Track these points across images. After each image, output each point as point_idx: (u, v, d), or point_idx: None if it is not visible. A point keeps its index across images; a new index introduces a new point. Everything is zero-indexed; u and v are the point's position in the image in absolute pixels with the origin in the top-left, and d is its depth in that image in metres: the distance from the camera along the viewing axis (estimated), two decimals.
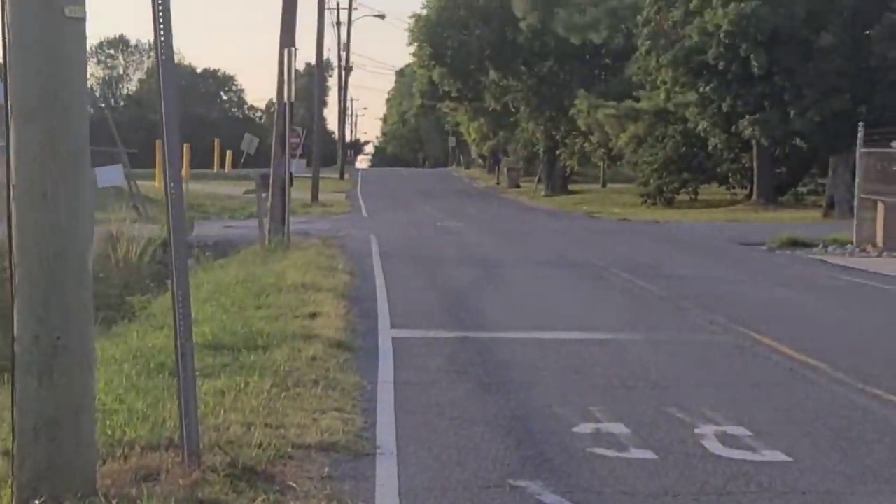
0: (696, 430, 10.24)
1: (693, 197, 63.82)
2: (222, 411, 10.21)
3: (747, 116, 48.05)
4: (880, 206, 32.71)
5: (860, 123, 34.24)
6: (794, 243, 34.36)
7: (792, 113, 47.13)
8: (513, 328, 16.31)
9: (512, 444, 9.69)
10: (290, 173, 30.59)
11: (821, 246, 33.78)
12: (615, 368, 13.27)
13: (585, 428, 10.28)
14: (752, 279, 24.42)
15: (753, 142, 54.84)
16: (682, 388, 12.19)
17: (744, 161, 61.34)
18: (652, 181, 63.10)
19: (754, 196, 58.55)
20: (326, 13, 61.88)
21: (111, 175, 44.42)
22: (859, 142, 34.13)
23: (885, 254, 31.46)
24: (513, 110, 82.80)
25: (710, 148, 56.32)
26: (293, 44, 29.54)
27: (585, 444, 9.75)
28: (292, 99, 28.94)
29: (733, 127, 49.80)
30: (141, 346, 13.63)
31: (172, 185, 8.43)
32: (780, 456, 9.47)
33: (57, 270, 7.53)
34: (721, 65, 47.92)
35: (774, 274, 25.96)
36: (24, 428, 7.58)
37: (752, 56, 46.07)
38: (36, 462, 7.59)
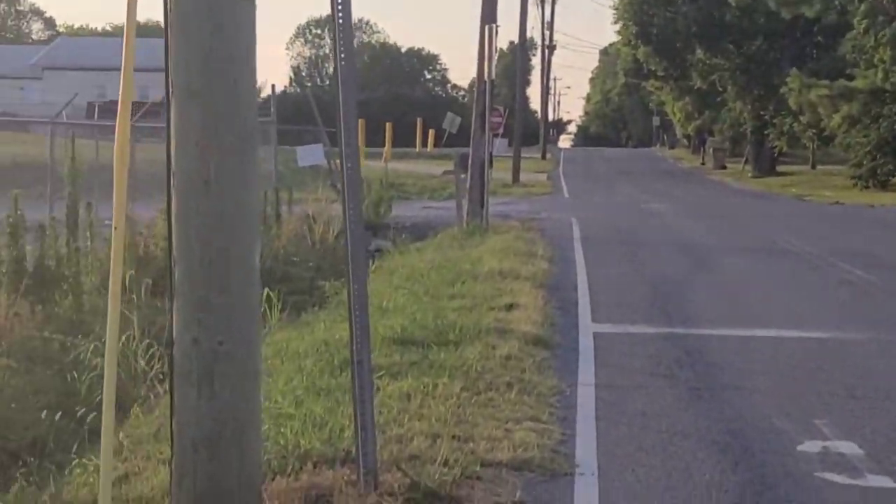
0: None
1: None
2: (406, 418, 9.35)
3: None
4: None
5: None
6: None
7: None
8: (722, 323, 15.14)
9: (728, 466, 8.61)
10: (491, 153, 29.71)
11: None
12: (839, 373, 12.04)
13: (812, 446, 9.15)
14: None
15: None
16: None
17: None
18: (865, 163, 60.53)
19: None
20: None
21: (312, 154, 44.17)
22: None
23: None
24: (719, 89, 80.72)
25: None
26: (494, 20, 28.63)
27: (813, 466, 8.62)
28: (493, 77, 28.04)
29: None
30: (327, 339, 12.88)
31: (349, 165, 7.54)
32: None
33: (220, 267, 6.68)
34: None
35: None
36: (183, 442, 6.79)
37: None
38: (195, 480, 6.78)
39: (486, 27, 27.90)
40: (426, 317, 14.12)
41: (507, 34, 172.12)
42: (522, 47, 63.13)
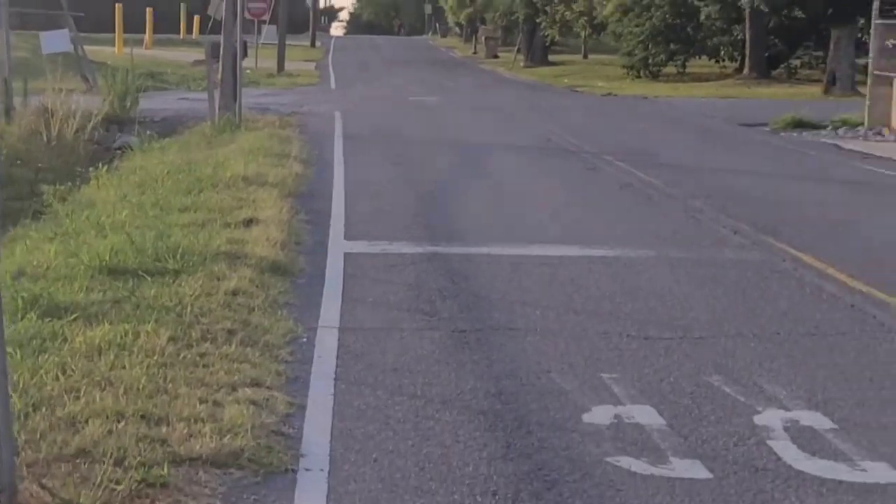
0: (757, 420, 7.28)
1: (681, 70, 60.38)
2: (88, 387, 7.18)
3: None
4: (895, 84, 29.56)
5: None
6: (800, 124, 31.25)
7: None
8: (495, 240, 13.25)
9: (498, 451, 6.68)
10: (245, 42, 27.24)
11: (830, 128, 30.69)
12: (628, 305, 10.26)
13: (601, 415, 7.29)
14: (766, 170, 21.33)
15: (746, 12, 51.46)
16: (720, 339, 9.18)
17: (735, 33, 57.94)
18: (637, 53, 59.68)
19: (746, 70, 55.23)
20: None
21: (56, 41, 40.94)
22: (874, 11, 30.83)
23: None
24: None
25: (702, 18, 52.75)
26: None
27: (604, 448, 6.75)
28: None
29: None
30: (24, 266, 10.58)
31: None
32: (887, 471, 6.52)
33: None
34: None
35: (788, 163, 22.92)
36: None
37: None
38: None
39: None
40: (146, 237, 11.85)
41: None
42: None
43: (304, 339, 8.80)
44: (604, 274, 11.51)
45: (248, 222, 13.18)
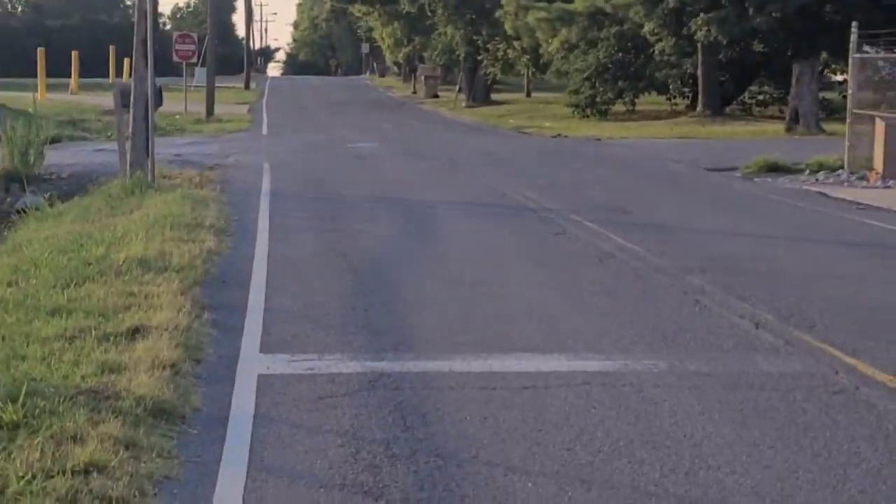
0: None
1: (630, 108, 57.76)
2: None
3: (701, 15, 41.70)
4: (879, 123, 26.76)
5: (854, 22, 28.15)
6: (773, 168, 28.54)
7: (751, 10, 40.81)
8: (456, 348, 10.20)
9: None
10: (159, 88, 24.11)
11: (807, 172, 27.97)
12: (654, 466, 7.24)
13: None
14: (757, 229, 18.45)
15: (699, 45, 48.86)
16: None
17: (685, 67, 55.39)
18: (584, 90, 56.99)
19: (699, 107, 52.64)
20: None
21: None
22: (852, 45, 28.12)
23: (890, 182, 25.59)
24: (430, 14, 76.17)
25: (656, 53, 50.04)
26: None
27: None
28: None
29: (684, 28, 43.49)
30: None
31: None
32: None
33: None
34: None
35: (779, 219, 20.07)
36: None
37: None
38: None
39: None
40: None
41: None
42: None
43: None
44: (608, 405, 8.49)
45: (134, 333, 10.05)
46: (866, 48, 31.24)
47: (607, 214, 19.36)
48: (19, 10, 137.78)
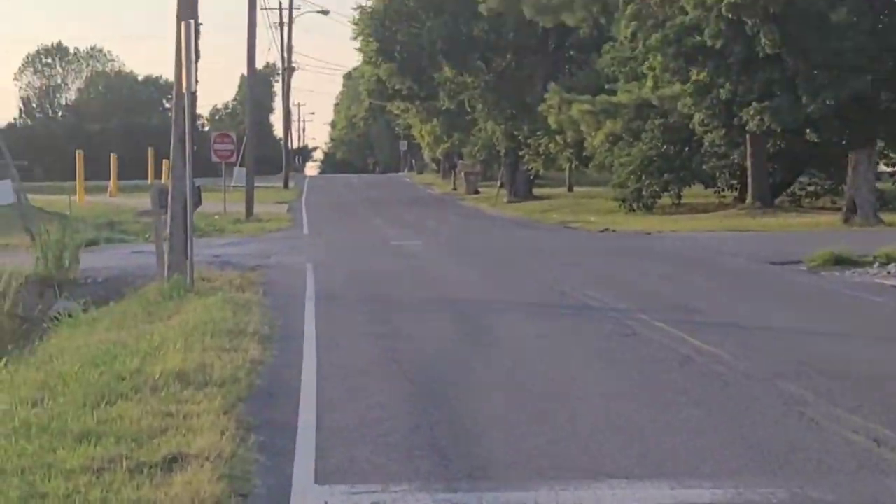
0: None
1: (676, 201, 56.49)
2: None
3: (754, 104, 40.58)
4: None
5: None
6: (839, 261, 27.17)
7: (804, 98, 39.67)
8: (537, 473, 8.92)
9: None
10: (198, 188, 23.05)
11: (876, 264, 26.61)
12: None
13: None
14: (842, 328, 17.10)
15: (747, 136, 47.75)
16: None
17: (733, 158, 54.21)
18: (630, 184, 55.81)
19: (748, 199, 51.34)
20: (266, 13, 54.37)
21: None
22: None
23: None
24: (469, 109, 75.51)
25: (706, 144, 48.90)
26: (194, 16, 22.05)
27: None
28: (192, 88, 21.41)
29: (735, 119, 42.36)
30: None
31: None
32: None
33: None
34: (720, 45, 40.38)
35: (863, 317, 18.74)
36: None
37: (760, 32, 38.56)
38: None
39: (184, 23, 21.29)
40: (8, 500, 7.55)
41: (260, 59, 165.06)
42: (251, 65, 56.36)
43: None
44: None
45: (171, 462, 8.82)
46: None
47: (676, 313, 18.07)
48: (59, 114, 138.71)
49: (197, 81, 21.74)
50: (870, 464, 9.07)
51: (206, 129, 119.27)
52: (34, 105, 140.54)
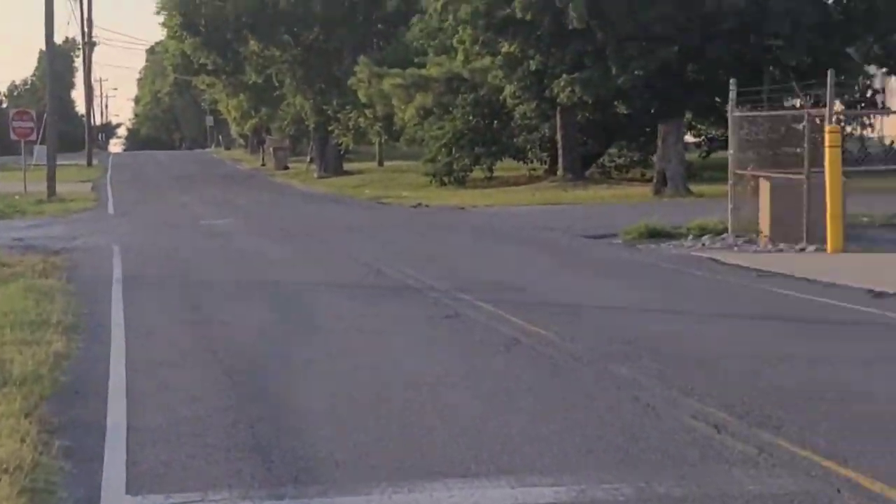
0: None
1: (488, 175, 56.31)
2: None
3: (564, 76, 40.45)
4: (764, 184, 25.54)
5: (732, 80, 27.05)
6: (654, 234, 27.19)
7: (614, 69, 39.61)
8: (370, 474, 8.35)
9: None
10: None
11: (690, 237, 26.65)
12: None
13: None
14: (664, 304, 16.88)
15: (558, 109, 47.78)
16: None
17: (542, 131, 54.29)
18: (441, 158, 55.52)
19: (559, 171, 51.49)
20: None
21: None
22: (731, 103, 27.00)
23: (781, 246, 24.32)
24: (276, 84, 74.41)
25: (516, 117, 48.79)
26: None
27: None
28: None
29: (546, 91, 42.19)
30: None
31: None
32: None
33: None
34: (529, 16, 40.10)
35: (681, 291, 18.62)
36: None
37: (569, 6, 38.43)
38: None
39: None
40: None
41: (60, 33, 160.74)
42: (50, 39, 54.33)
43: None
44: None
45: None
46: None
47: (498, 292, 17.66)
48: None
49: None
50: (713, 453, 8.69)
51: (4, 105, 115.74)
52: None
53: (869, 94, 50.42)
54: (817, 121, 24.45)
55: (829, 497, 7.62)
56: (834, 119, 24.22)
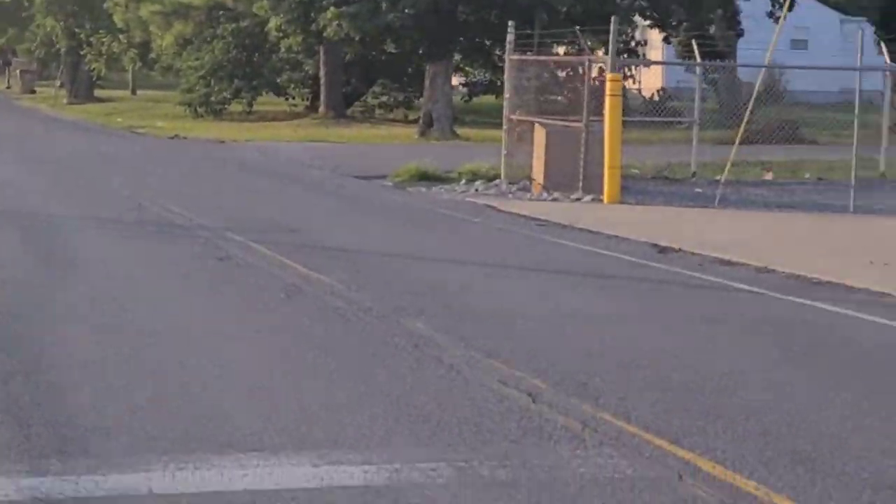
0: None
1: (247, 109, 54.67)
2: None
3: (332, 9, 39.14)
4: (539, 130, 24.93)
5: (510, 22, 26.36)
6: (425, 177, 26.43)
7: (384, 5, 38.51)
8: (147, 443, 7.23)
9: None
10: None
11: (462, 182, 25.98)
12: None
13: None
14: (446, 250, 16.15)
15: (321, 47, 46.62)
16: None
17: (306, 68, 53.05)
18: (198, 89, 53.70)
19: (321, 108, 50.35)
20: None
21: None
22: (509, 45, 26.33)
23: (555, 195, 23.77)
24: (25, 4, 71.20)
25: (282, 51, 47.36)
26: None
27: None
28: None
29: (313, 24, 40.82)
30: None
31: None
32: None
33: None
34: None
35: (463, 237, 17.91)
36: None
37: None
38: None
39: None
40: None
41: None
42: None
43: None
44: None
45: None
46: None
47: (271, 233, 16.61)
48: None
49: None
50: (533, 426, 7.84)
51: None
52: None
53: (633, 44, 50.48)
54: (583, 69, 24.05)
55: (670, 484, 6.84)
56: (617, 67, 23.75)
